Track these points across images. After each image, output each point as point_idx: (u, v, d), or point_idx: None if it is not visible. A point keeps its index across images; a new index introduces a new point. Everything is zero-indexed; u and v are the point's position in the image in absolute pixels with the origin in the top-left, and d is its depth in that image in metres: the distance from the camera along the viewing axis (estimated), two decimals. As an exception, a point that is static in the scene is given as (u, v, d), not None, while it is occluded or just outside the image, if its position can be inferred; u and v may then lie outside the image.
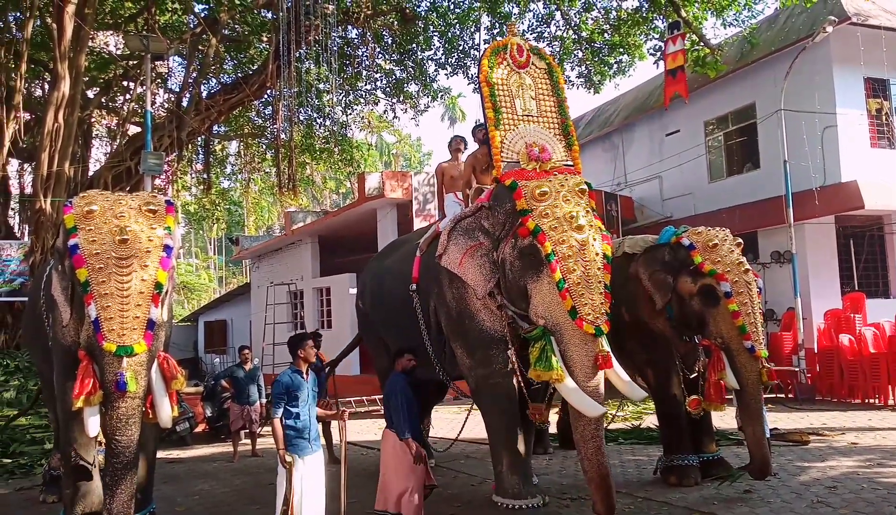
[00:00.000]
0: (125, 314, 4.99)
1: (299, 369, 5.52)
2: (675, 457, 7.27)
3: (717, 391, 6.83)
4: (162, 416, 5.24)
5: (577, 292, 5.47)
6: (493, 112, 6.30)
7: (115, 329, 4.94)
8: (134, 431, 4.98)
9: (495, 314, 6.19)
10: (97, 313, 4.96)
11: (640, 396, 5.78)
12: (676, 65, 13.65)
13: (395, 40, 19.50)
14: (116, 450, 4.95)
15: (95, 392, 4.95)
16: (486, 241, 6.12)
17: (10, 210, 17.00)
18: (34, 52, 17.02)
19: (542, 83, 6.62)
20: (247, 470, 9.41)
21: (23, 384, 12.46)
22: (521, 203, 5.80)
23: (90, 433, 5.08)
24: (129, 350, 4.92)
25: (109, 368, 4.93)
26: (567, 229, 5.61)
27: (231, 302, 28.95)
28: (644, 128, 19.52)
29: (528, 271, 5.72)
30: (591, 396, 5.37)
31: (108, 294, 4.99)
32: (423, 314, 7.01)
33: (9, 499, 8.18)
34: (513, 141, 6.29)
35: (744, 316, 6.53)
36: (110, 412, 4.97)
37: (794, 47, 14.37)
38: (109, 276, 5.03)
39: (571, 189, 5.85)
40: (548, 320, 5.58)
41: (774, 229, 14.53)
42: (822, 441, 9.03)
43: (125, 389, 4.88)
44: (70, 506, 5.67)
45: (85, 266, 5.04)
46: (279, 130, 20.50)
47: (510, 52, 6.56)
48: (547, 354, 5.46)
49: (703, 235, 6.95)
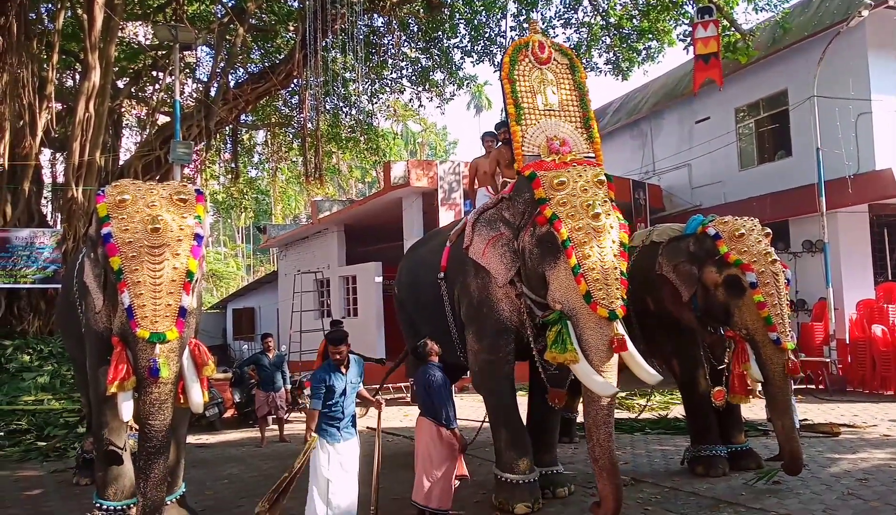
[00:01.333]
0: (157, 302, 5.07)
1: (335, 363, 5.61)
2: (703, 447, 7.23)
3: (742, 382, 6.76)
4: (194, 401, 5.33)
5: (592, 278, 5.55)
6: (515, 108, 6.44)
7: (147, 317, 5.02)
8: (166, 416, 5.06)
9: (514, 303, 6.33)
10: (130, 300, 5.03)
11: (656, 379, 5.78)
12: (708, 51, 13.41)
13: (420, 28, 19.43)
14: (149, 434, 5.03)
15: (129, 378, 5.04)
16: (507, 231, 6.24)
17: (43, 199, 17.27)
18: (65, 42, 17.25)
19: (564, 78, 6.72)
20: (274, 455, 9.52)
21: (56, 369, 12.72)
22: (540, 192, 5.91)
23: (124, 417, 5.18)
24: (161, 337, 5.00)
25: (142, 354, 5.00)
26: (584, 216, 5.72)
27: (259, 290, 29.24)
28: (673, 115, 19.28)
29: (546, 257, 5.83)
30: (605, 378, 5.46)
31: (140, 282, 5.06)
32: (449, 302, 7.16)
33: (44, 481, 8.38)
34: (534, 135, 6.40)
35: (769, 307, 6.45)
36: (143, 397, 5.05)
37: (828, 32, 14.08)
38: (142, 264, 5.10)
39: (589, 179, 5.95)
40: (564, 304, 5.67)
41: (806, 217, 14.30)
42: (854, 433, 8.91)
43: (158, 375, 4.96)
44: (102, 488, 5.80)
45: (118, 254, 5.11)
46: (306, 119, 20.56)
47: (532, 49, 6.67)
48: (562, 337, 5.56)
49: (730, 224, 6.88)
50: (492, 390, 6.62)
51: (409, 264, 8.69)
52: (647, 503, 6.28)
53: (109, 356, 5.36)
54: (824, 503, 5.99)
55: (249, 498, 7.09)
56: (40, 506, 7.14)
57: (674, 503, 6.25)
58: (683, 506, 6.12)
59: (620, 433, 9.69)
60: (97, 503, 5.78)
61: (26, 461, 9.59)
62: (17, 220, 14.72)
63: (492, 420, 6.57)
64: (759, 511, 5.84)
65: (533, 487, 6.20)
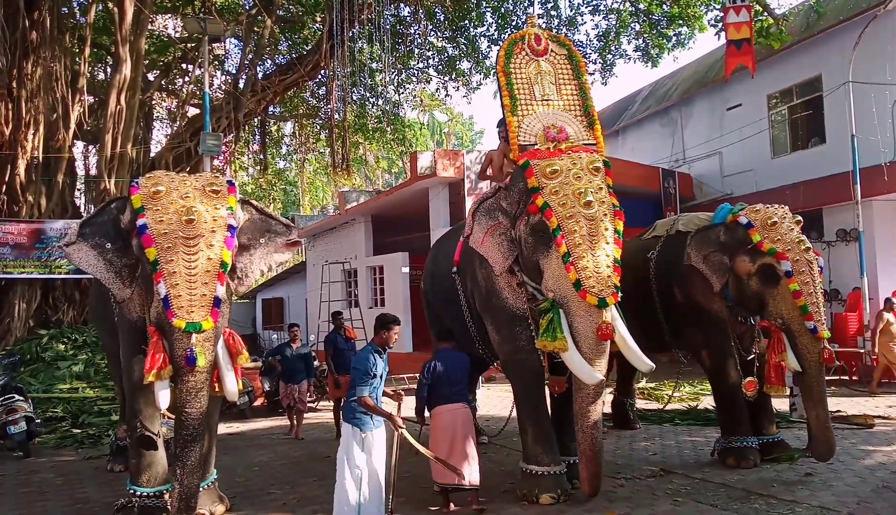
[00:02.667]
0: (193, 292, 5.11)
1: (379, 347, 5.66)
2: (734, 439, 7.15)
3: (778, 373, 6.72)
4: (228, 389, 5.40)
5: (581, 265, 5.61)
6: (510, 99, 6.52)
7: (183, 307, 5.06)
8: (202, 404, 5.11)
9: (517, 292, 6.38)
10: (166, 290, 5.08)
11: (650, 368, 5.83)
12: (741, 36, 13.15)
13: (447, 17, 19.36)
14: (186, 422, 5.09)
15: (166, 367, 5.10)
16: (504, 220, 6.29)
17: (77, 190, 17.55)
18: (97, 36, 17.49)
19: (563, 68, 6.79)
20: (302, 444, 9.62)
21: (90, 358, 12.95)
22: (532, 181, 5.98)
23: (161, 406, 5.25)
24: (197, 327, 5.04)
25: (179, 343, 5.05)
26: (575, 204, 5.77)
27: (287, 280, 29.45)
28: (704, 102, 18.99)
29: (539, 246, 5.91)
30: (593, 365, 5.54)
31: (176, 273, 5.11)
32: (463, 295, 7.23)
33: (79, 468, 8.56)
34: (531, 124, 6.46)
35: (805, 296, 6.38)
36: (180, 385, 5.11)
37: (863, 16, 13.75)
38: (177, 255, 5.15)
39: (584, 167, 5.98)
40: (556, 292, 5.75)
41: (841, 206, 14.00)
42: (888, 425, 8.76)
43: (195, 364, 5.01)
44: (136, 475, 5.89)
45: (154, 245, 5.17)
46: (333, 110, 20.64)
47: (528, 42, 6.78)
48: (553, 325, 5.65)
49: (762, 212, 6.80)
50: (515, 382, 6.62)
51: (433, 258, 8.77)
52: (676, 494, 6.23)
53: (143, 345, 5.45)
54: (858, 495, 5.90)
55: (279, 485, 7.18)
56: (76, 492, 7.29)
57: (704, 494, 6.19)
58: (714, 498, 6.06)
59: (649, 425, 9.64)
60: (131, 489, 5.88)
61: (62, 447, 9.80)
62: (52, 211, 14.98)
63: (518, 412, 6.56)
64: (791, 504, 5.75)
65: (559, 478, 6.19)
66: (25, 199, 14.45)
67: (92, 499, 6.96)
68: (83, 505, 6.76)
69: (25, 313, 14.16)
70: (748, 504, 5.85)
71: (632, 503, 6.02)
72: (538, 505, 6.00)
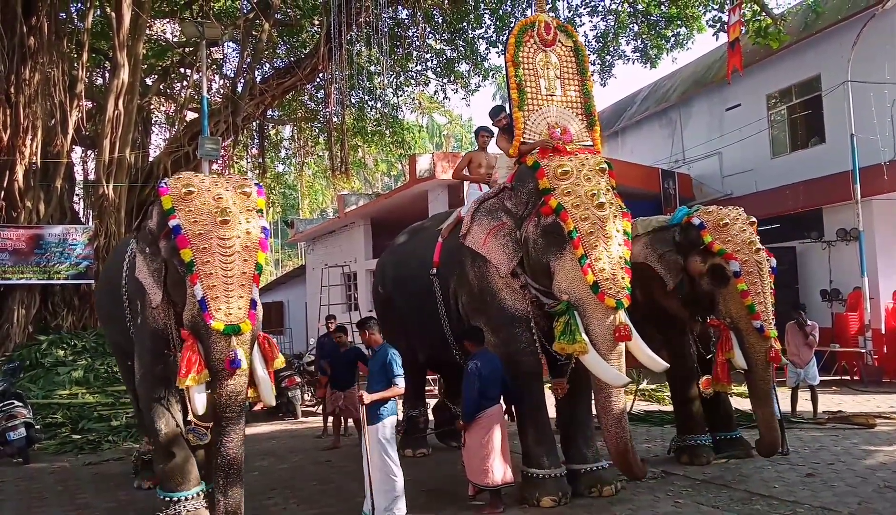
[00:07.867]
0: (230, 294, 5.04)
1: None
2: (688, 437, 7.37)
3: (725, 371, 6.86)
4: (265, 394, 5.25)
5: (599, 268, 5.63)
6: (518, 93, 6.42)
7: (221, 309, 4.99)
8: (243, 407, 5.04)
9: (517, 293, 6.30)
10: (203, 292, 4.99)
11: (662, 367, 5.92)
12: (736, 36, 13.16)
13: (445, 19, 19.33)
14: (227, 427, 5.01)
15: (202, 371, 5.00)
16: (508, 221, 6.25)
17: (75, 196, 17.53)
18: (95, 41, 17.47)
19: (568, 62, 6.71)
20: (301, 449, 9.58)
21: (90, 363, 12.90)
22: (544, 182, 5.95)
23: (197, 410, 5.10)
24: (236, 329, 4.97)
25: (217, 346, 4.96)
26: (589, 206, 5.78)
27: (287, 284, 29.44)
28: (703, 103, 18.99)
29: (551, 248, 5.88)
30: (613, 367, 5.56)
31: (212, 275, 5.04)
32: (442, 298, 7.12)
33: (78, 473, 8.52)
34: (535, 122, 6.43)
35: (753, 296, 6.58)
36: (220, 389, 5.00)
37: (862, 15, 13.76)
38: (213, 256, 5.08)
39: (592, 168, 5.99)
40: (571, 295, 5.73)
41: (841, 205, 13.98)
42: (890, 424, 8.75)
43: (240, 365, 4.91)
44: (166, 482, 5.69)
45: (189, 247, 5.09)
46: (331, 113, 20.64)
47: (538, 29, 6.62)
48: (571, 328, 5.63)
49: (715, 214, 7.01)
50: (515, 384, 6.51)
51: (397, 261, 8.53)
52: (678, 495, 6.21)
53: (166, 350, 5.38)
54: (859, 495, 5.88)
55: (280, 490, 7.16)
56: (75, 498, 7.25)
57: (705, 495, 6.17)
58: (715, 499, 6.04)
59: (651, 426, 9.61)
60: (162, 495, 5.68)
61: (62, 454, 9.77)
62: (50, 217, 14.95)
63: (518, 415, 6.50)
64: (793, 504, 5.74)
65: (559, 482, 6.15)
66: (24, 204, 14.41)
67: (92, 505, 6.93)
68: (83, 511, 6.74)
69: (24, 319, 14.11)
70: (750, 504, 5.83)
71: (633, 504, 6.00)
72: (539, 508, 5.97)
